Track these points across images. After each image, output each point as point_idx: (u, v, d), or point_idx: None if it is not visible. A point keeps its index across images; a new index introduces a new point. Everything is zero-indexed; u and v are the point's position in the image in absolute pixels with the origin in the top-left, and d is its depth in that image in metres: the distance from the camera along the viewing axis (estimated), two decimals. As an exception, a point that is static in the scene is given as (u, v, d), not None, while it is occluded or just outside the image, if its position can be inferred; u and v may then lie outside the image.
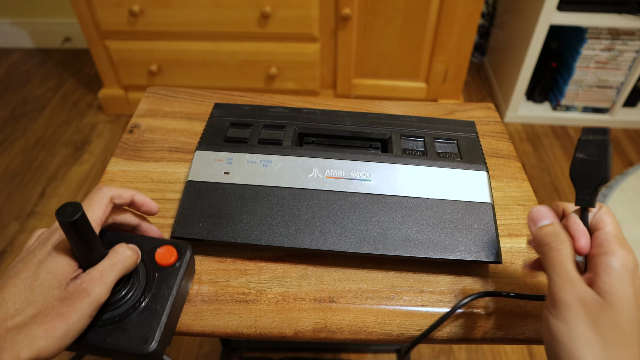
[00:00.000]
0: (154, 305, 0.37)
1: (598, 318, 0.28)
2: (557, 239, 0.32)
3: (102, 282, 0.33)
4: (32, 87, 1.87)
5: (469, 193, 0.47)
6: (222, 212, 0.46)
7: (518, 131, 1.69)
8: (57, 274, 0.33)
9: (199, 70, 1.55)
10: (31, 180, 1.47)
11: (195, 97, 0.65)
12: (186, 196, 0.48)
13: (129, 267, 0.36)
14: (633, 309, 0.29)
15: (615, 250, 0.30)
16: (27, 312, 0.31)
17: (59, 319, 0.31)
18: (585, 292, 0.29)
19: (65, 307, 0.32)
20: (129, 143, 0.58)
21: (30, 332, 0.30)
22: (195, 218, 0.46)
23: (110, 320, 0.35)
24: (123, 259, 0.35)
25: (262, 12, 1.38)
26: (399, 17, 1.41)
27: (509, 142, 0.60)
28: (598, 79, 1.61)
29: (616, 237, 0.31)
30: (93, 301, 0.33)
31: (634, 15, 1.44)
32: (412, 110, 0.64)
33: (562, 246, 0.31)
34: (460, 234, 0.44)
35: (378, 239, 0.43)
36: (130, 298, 0.36)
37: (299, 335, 0.41)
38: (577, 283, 0.30)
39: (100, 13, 1.41)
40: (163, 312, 0.36)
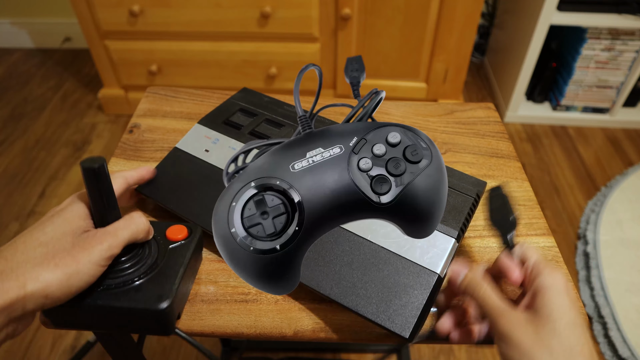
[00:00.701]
0: (167, 271, 0.37)
1: (538, 332, 0.31)
2: (475, 285, 0.36)
3: (116, 237, 0.34)
4: (32, 87, 1.87)
5: (423, 255, 0.41)
6: (185, 185, 0.48)
7: (518, 131, 1.69)
8: (71, 222, 0.34)
9: (199, 70, 1.55)
10: (31, 180, 1.47)
11: (195, 97, 0.65)
12: (165, 160, 0.51)
13: (142, 233, 0.37)
14: (571, 313, 0.32)
15: (543, 271, 0.35)
16: (38, 251, 0.31)
17: (69, 257, 0.32)
18: (517, 317, 0.33)
19: (77, 250, 0.32)
20: (129, 143, 0.58)
21: (38, 265, 0.30)
22: (163, 182, 0.49)
23: (123, 283, 0.36)
24: (137, 224, 0.36)
25: (262, 12, 1.38)
26: (399, 17, 1.41)
27: (509, 142, 0.60)
28: (598, 79, 1.61)
29: (542, 263, 0.36)
30: (105, 249, 0.33)
31: (634, 15, 1.44)
32: (412, 110, 0.64)
33: (483, 289, 0.36)
34: (390, 292, 0.39)
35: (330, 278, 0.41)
36: (143, 266, 0.37)
37: (298, 335, 0.41)
38: (507, 312, 0.33)
39: (100, 13, 1.41)
40: (176, 276, 0.37)
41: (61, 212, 0.35)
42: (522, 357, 0.31)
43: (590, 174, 1.52)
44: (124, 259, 0.37)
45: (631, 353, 1.05)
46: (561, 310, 0.32)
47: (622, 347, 1.06)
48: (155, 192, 0.48)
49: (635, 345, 1.06)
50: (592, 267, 1.22)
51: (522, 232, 0.48)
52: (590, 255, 1.25)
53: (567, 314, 0.32)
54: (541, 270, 0.35)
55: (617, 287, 1.17)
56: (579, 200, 1.43)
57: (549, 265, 0.35)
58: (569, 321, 0.31)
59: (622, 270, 1.21)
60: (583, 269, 1.24)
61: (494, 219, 0.42)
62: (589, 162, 1.57)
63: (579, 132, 1.70)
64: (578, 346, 0.31)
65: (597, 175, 1.52)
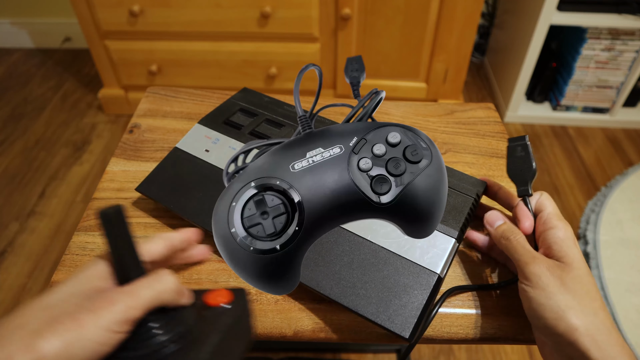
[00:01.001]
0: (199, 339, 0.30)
1: (563, 278, 0.36)
2: (513, 232, 0.40)
3: (134, 296, 0.28)
4: (32, 87, 1.87)
5: (423, 255, 0.41)
6: (185, 185, 0.48)
7: (518, 131, 1.69)
8: (85, 282, 0.28)
9: (199, 70, 1.55)
10: (31, 180, 1.47)
11: (195, 97, 0.65)
12: (166, 160, 0.51)
13: (169, 292, 0.29)
14: (585, 266, 0.37)
15: (558, 224, 0.39)
16: (39, 315, 0.26)
17: (71, 322, 0.26)
18: (547, 261, 0.37)
19: (83, 312, 0.26)
20: (129, 143, 0.58)
21: (33, 332, 0.25)
22: (163, 182, 0.48)
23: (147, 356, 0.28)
24: (163, 282, 0.29)
25: (262, 12, 1.38)
26: (399, 17, 1.41)
27: (509, 142, 0.60)
28: (598, 79, 1.61)
29: (556, 215, 0.40)
30: (118, 311, 0.27)
31: (634, 15, 1.44)
32: (412, 110, 0.64)
33: (518, 236, 0.40)
34: (390, 293, 0.39)
35: (330, 278, 0.40)
36: (173, 334, 0.29)
37: (298, 335, 0.41)
38: (538, 256, 0.38)
39: (100, 13, 1.41)
40: (206, 343, 0.29)
41: (78, 272, 0.29)
42: (548, 299, 0.35)
43: (590, 174, 1.52)
44: (151, 324, 0.29)
45: (631, 353, 1.05)
46: (579, 259, 0.36)
47: (622, 347, 1.06)
48: (155, 192, 0.48)
49: (635, 345, 1.06)
50: (592, 267, 1.22)
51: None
52: (590, 255, 1.25)
53: (583, 263, 0.36)
54: (554, 223, 0.39)
55: (617, 287, 1.17)
56: (579, 200, 1.43)
57: (561, 219, 0.39)
58: (586, 270, 0.36)
59: (622, 270, 1.21)
60: (583, 269, 1.24)
61: (513, 167, 0.43)
62: (589, 162, 1.57)
63: (579, 132, 1.70)
64: (593, 291, 0.35)
65: (597, 175, 1.52)
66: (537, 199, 0.42)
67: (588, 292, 0.35)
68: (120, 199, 0.51)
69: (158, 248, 0.34)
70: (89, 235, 0.48)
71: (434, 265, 0.41)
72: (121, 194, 0.52)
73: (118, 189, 0.52)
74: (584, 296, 0.35)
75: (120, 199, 0.51)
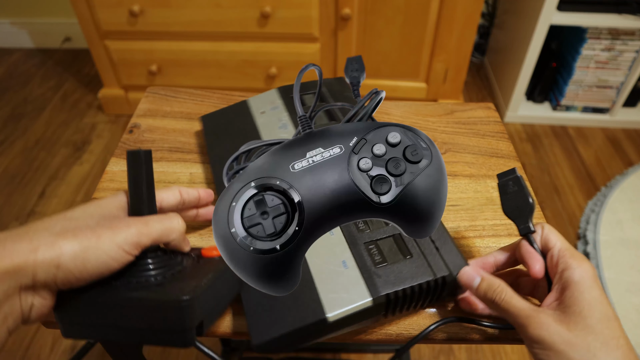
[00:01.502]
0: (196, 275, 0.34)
1: (571, 331, 0.30)
2: (495, 291, 0.34)
3: (146, 226, 0.32)
4: (32, 87, 1.87)
5: (330, 291, 0.39)
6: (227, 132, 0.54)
7: (518, 131, 1.69)
8: (104, 207, 0.32)
9: (199, 70, 1.55)
10: (31, 180, 1.47)
11: (195, 97, 0.65)
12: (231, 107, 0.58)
13: (175, 232, 0.34)
14: (603, 307, 0.31)
15: (571, 263, 0.33)
16: (60, 223, 0.30)
17: (90, 232, 0.29)
18: (547, 318, 0.31)
19: (101, 228, 0.30)
20: (129, 143, 0.58)
21: (56, 234, 0.28)
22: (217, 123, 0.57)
23: (145, 280, 0.33)
24: (172, 221, 0.34)
25: (262, 12, 1.38)
26: (399, 17, 1.41)
27: (509, 142, 0.60)
28: (598, 79, 1.61)
29: (568, 251, 0.34)
30: (131, 234, 0.30)
31: (634, 15, 1.44)
32: (412, 110, 0.64)
33: (503, 294, 0.34)
34: (276, 301, 0.39)
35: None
36: (170, 270, 0.34)
37: (298, 335, 0.41)
38: (534, 315, 0.32)
39: (100, 13, 1.41)
40: (204, 278, 0.33)
41: (98, 200, 0.33)
42: (561, 356, 0.30)
43: (590, 174, 1.52)
44: (150, 259, 0.33)
45: (631, 353, 1.05)
46: (593, 304, 0.31)
47: (622, 347, 1.06)
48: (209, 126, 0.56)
49: (635, 345, 1.06)
50: (592, 267, 1.22)
51: (522, 232, 0.48)
52: (590, 255, 1.25)
53: (598, 308, 0.30)
54: (568, 263, 0.33)
55: (617, 287, 1.17)
56: (579, 200, 1.43)
57: (575, 255, 0.33)
58: (602, 315, 0.30)
59: (622, 270, 1.21)
60: (583, 269, 1.24)
61: (509, 204, 0.39)
62: (589, 162, 1.57)
63: (579, 132, 1.70)
64: (614, 340, 0.30)
65: (597, 175, 1.52)
66: (541, 235, 0.37)
67: (604, 343, 0.30)
68: (120, 199, 0.51)
69: (170, 198, 0.38)
70: (89, 235, 0.48)
71: (330, 307, 0.37)
72: (121, 194, 0.52)
73: (118, 189, 0.52)
74: (599, 348, 0.29)
75: (120, 199, 0.51)
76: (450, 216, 0.50)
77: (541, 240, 0.36)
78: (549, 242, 0.36)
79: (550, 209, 1.41)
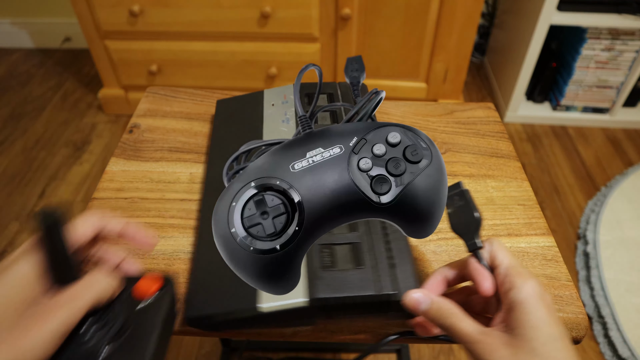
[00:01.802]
0: (138, 338, 0.30)
1: (516, 354, 0.29)
2: (442, 315, 0.33)
3: (70, 308, 0.27)
4: (32, 87, 1.87)
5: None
6: (236, 120, 0.57)
7: (518, 131, 1.69)
8: (18, 286, 0.27)
9: (199, 70, 1.55)
10: (31, 180, 1.47)
11: (195, 97, 0.65)
12: (248, 95, 0.60)
13: (105, 295, 0.30)
14: (549, 328, 0.30)
15: (516, 282, 0.32)
16: None
17: (11, 339, 0.25)
18: (494, 341, 0.31)
19: (18, 331, 0.25)
20: (128, 143, 0.58)
21: None
22: (232, 109, 0.59)
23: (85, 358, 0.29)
24: (102, 285, 0.29)
25: (262, 12, 1.38)
26: (399, 17, 1.41)
27: (508, 142, 0.60)
28: (598, 79, 1.61)
29: (514, 269, 0.33)
30: (54, 328, 0.26)
31: (634, 15, 1.44)
32: (412, 110, 0.64)
33: (451, 319, 0.33)
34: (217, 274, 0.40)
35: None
36: (108, 334, 0.30)
37: (298, 335, 0.41)
38: (481, 338, 0.31)
39: (100, 13, 1.41)
40: (148, 344, 0.30)
41: (7, 272, 0.27)
42: None
43: (590, 174, 1.52)
44: (84, 328, 0.29)
45: (631, 353, 1.05)
46: (538, 326, 0.30)
47: (622, 347, 1.06)
48: (221, 111, 0.58)
49: (635, 345, 1.06)
50: (592, 267, 1.22)
51: (521, 232, 0.48)
52: (590, 255, 1.25)
53: (543, 329, 0.30)
54: (514, 282, 0.32)
55: (617, 287, 1.17)
56: (579, 200, 1.43)
57: (521, 274, 0.32)
58: (547, 336, 0.29)
59: (622, 270, 1.21)
60: (583, 269, 1.24)
61: (456, 220, 0.38)
62: (589, 162, 1.57)
63: (579, 132, 1.70)
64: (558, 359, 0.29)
65: (597, 175, 1.52)
66: (488, 250, 0.35)
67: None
68: (120, 198, 0.51)
69: (88, 231, 0.33)
70: (89, 235, 0.48)
71: (265, 297, 0.37)
72: (121, 194, 0.52)
73: (118, 189, 0.52)
74: None
75: (120, 198, 0.51)
76: (450, 216, 0.50)
77: (489, 256, 0.35)
78: (496, 259, 0.35)
79: (550, 209, 1.41)
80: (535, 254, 0.46)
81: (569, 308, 0.42)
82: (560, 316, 0.41)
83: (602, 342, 1.09)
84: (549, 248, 0.47)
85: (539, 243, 0.47)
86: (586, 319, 0.41)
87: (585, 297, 1.17)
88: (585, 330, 0.41)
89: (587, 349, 1.09)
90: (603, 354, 1.07)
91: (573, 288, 0.43)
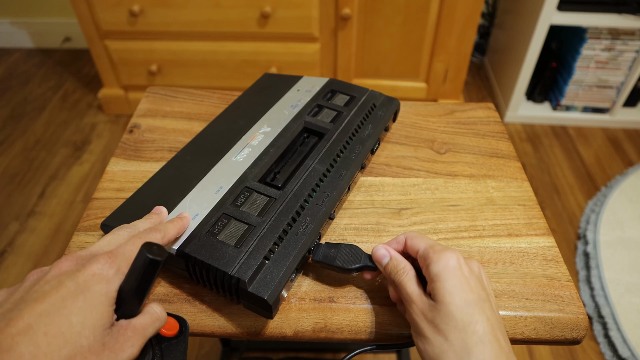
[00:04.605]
0: None
1: (435, 319, 0.33)
2: (397, 272, 0.37)
3: (139, 339, 0.29)
4: (32, 87, 1.87)
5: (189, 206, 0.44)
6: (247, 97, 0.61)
7: (518, 131, 1.69)
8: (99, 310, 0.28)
9: (199, 70, 1.55)
10: (31, 180, 1.47)
11: (195, 97, 0.65)
12: (257, 83, 0.64)
13: (160, 324, 0.32)
14: (462, 293, 0.33)
15: (433, 258, 0.35)
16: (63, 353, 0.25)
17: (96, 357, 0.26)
18: (421, 304, 0.34)
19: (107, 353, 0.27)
20: (129, 143, 0.58)
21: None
22: (245, 99, 0.61)
23: None
24: (160, 320, 0.31)
25: (262, 12, 1.38)
26: (399, 17, 1.41)
27: (509, 142, 0.60)
28: (598, 79, 1.61)
29: (431, 248, 0.36)
30: (134, 353, 0.28)
31: (634, 15, 1.44)
32: (412, 110, 0.64)
33: (402, 276, 0.37)
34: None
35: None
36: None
37: (299, 335, 0.41)
38: (416, 299, 0.35)
39: (100, 13, 1.41)
40: None
41: (88, 292, 0.28)
42: (426, 345, 0.33)
43: (590, 174, 1.52)
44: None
45: (631, 353, 1.05)
46: (452, 292, 0.33)
47: (622, 347, 1.06)
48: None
49: (635, 345, 1.06)
50: (592, 267, 1.22)
51: (521, 232, 0.48)
52: (590, 255, 1.25)
53: (457, 294, 0.33)
54: (431, 258, 0.35)
55: (617, 287, 1.17)
56: (579, 200, 1.43)
57: (436, 251, 0.36)
58: (462, 301, 0.33)
59: (622, 270, 1.21)
60: (583, 269, 1.24)
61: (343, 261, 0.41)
62: (589, 162, 1.57)
63: (579, 132, 1.70)
64: (471, 324, 0.32)
65: (597, 175, 1.52)
66: (405, 243, 0.39)
67: (462, 328, 0.32)
68: (120, 199, 0.51)
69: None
70: (89, 235, 0.48)
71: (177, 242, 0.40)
72: (121, 194, 0.52)
73: (118, 189, 0.52)
74: (456, 336, 0.31)
75: (120, 199, 0.51)
76: (451, 216, 0.50)
77: (410, 247, 0.38)
78: (414, 246, 0.38)
79: (550, 209, 1.41)
80: (536, 254, 0.46)
81: (569, 308, 0.42)
82: (561, 316, 0.41)
83: (602, 342, 1.09)
84: (549, 248, 0.47)
85: (539, 243, 0.47)
86: (586, 319, 0.41)
87: (586, 297, 1.17)
88: (586, 330, 0.41)
89: (587, 349, 1.09)
90: (603, 354, 1.07)
91: (573, 288, 0.43)
